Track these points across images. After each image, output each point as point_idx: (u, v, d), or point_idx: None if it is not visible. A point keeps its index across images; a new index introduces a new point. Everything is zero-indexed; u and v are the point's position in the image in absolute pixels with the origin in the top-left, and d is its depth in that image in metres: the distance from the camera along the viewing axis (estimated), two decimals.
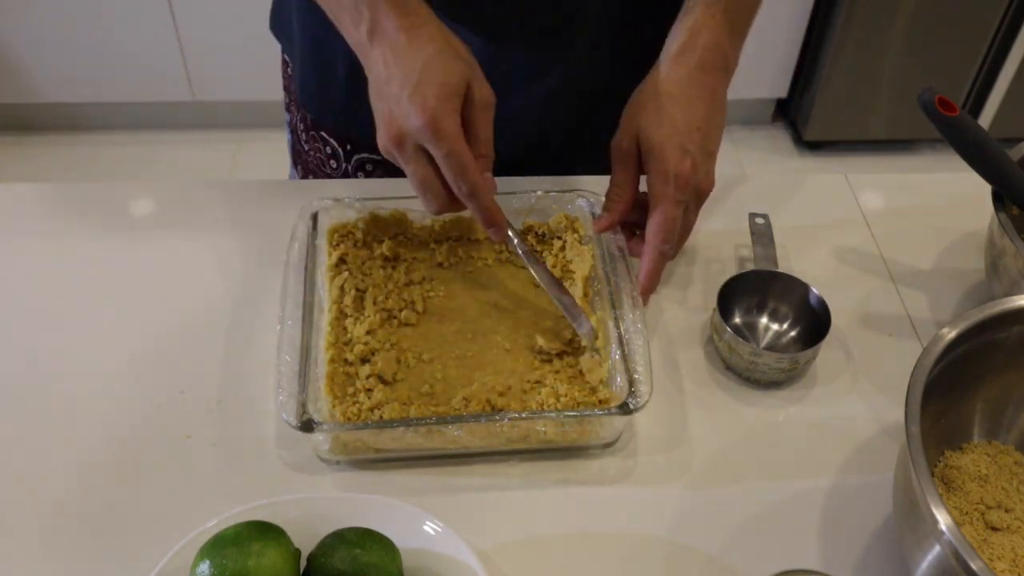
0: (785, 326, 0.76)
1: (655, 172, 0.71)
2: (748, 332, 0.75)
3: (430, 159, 0.65)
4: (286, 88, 0.97)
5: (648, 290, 0.73)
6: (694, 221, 0.75)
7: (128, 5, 2.10)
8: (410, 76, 0.63)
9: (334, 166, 0.94)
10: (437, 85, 0.63)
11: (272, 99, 2.30)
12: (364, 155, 0.92)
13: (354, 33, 0.68)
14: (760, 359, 0.70)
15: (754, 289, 0.76)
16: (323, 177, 0.96)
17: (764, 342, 0.75)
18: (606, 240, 0.75)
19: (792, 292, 0.75)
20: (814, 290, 0.73)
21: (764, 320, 0.76)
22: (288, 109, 0.97)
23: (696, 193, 0.72)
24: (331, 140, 0.93)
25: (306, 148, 0.96)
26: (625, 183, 0.74)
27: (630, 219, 0.77)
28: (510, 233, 0.70)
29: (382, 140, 0.66)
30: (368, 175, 0.93)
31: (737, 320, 0.75)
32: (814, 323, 0.73)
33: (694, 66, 0.72)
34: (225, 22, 2.14)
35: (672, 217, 0.71)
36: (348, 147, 0.92)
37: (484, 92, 0.66)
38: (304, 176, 0.99)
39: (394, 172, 0.92)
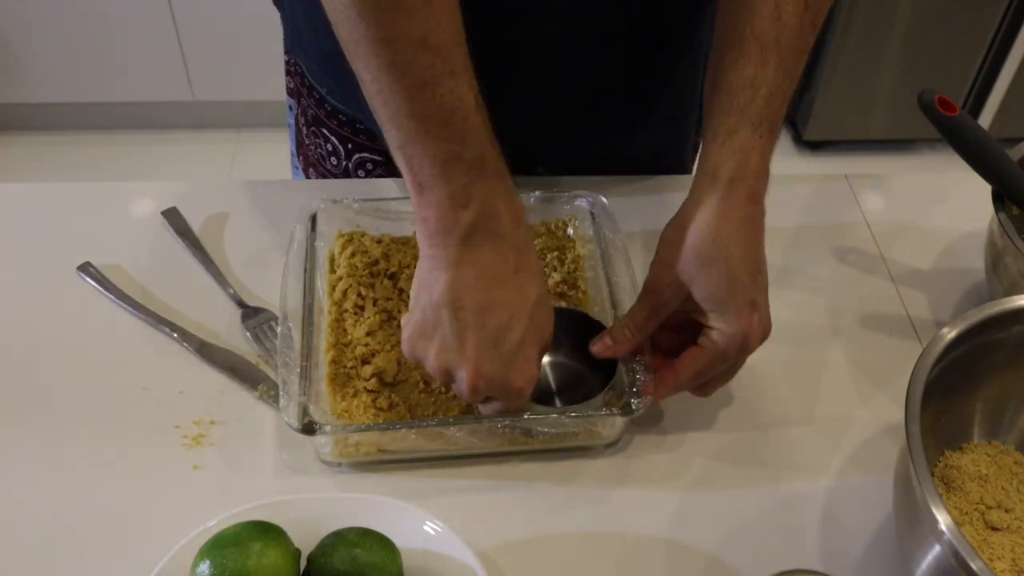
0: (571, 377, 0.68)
1: (718, 332, 0.61)
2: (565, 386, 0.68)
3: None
4: (289, 73, 0.96)
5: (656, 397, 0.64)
6: (736, 370, 0.66)
7: (128, 5, 2.10)
8: (517, 322, 0.56)
9: (334, 163, 0.93)
10: (540, 345, 0.58)
11: (272, 99, 2.32)
12: (365, 154, 0.92)
13: (447, 216, 0.56)
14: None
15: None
16: (324, 171, 0.95)
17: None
18: (606, 239, 0.75)
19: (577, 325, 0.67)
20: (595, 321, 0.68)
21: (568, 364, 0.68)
22: (291, 95, 0.97)
23: (751, 348, 0.63)
24: (332, 138, 0.92)
25: (307, 142, 0.96)
26: (644, 328, 0.64)
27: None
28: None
29: (451, 371, 0.57)
30: (368, 174, 0.93)
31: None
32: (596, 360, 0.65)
33: (746, 198, 0.61)
34: (225, 22, 2.14)
35: (714, 371, 0.63)
36: (349, 146, 0.92)
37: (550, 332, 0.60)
38: (306, 168, 0.98)
39: (396, 173, 0.92)
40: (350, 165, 0.93)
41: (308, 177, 0.98)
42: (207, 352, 0.72)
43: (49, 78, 2.24)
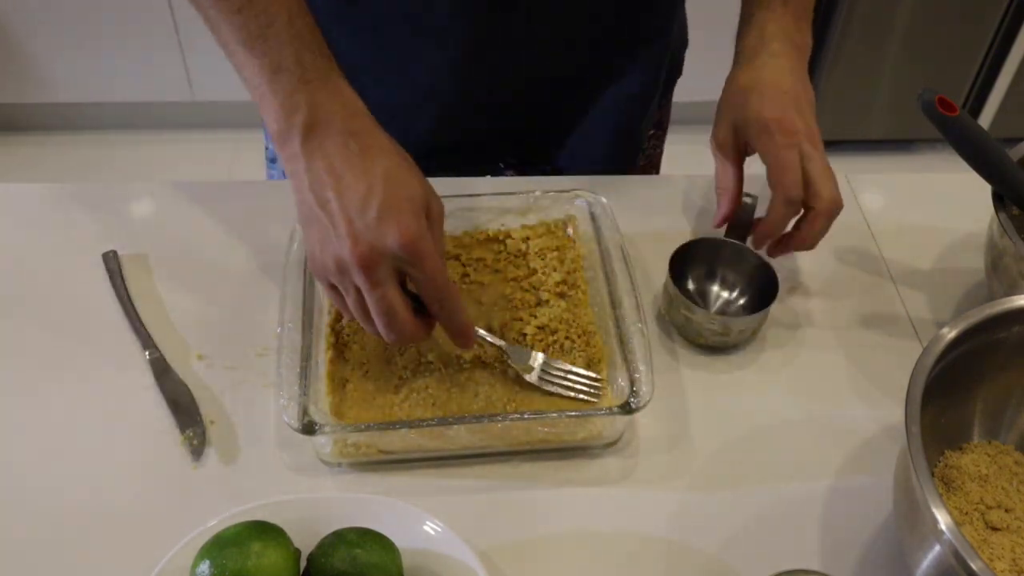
0: (735, 294, 0.78)
1: (755, 132, 0.73)
2: (701, 298, 0.78)
3: (397, 279, 0.60)
4: None
5: (767, 236, 0.74)
6: (826, 165, 0.73)
7: (128, 5, 2.10)
8: (374, 190, 0.58)
9: None
10: (408, 201, 0.59)
11: None
12: None
13: (282, 125, 0.60)
14: (694, 316, 0.72)
15: (708, 257, 0.78)
16: None
17: (715, 308, 0.77)
18: (606, 239, 0.75)
19: (743, 261, 0.77)
20: (764, 259, 0.75)
21: (717, 288, 0.78)
22: None
23: (807, 137, 0.73)
24: None
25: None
26: (729, 172, 0.76)
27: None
28: (479, 333, 0.67)
29: (343, 257, 0.58)
30: None
31: (691, 286, 0.78)
32: (766, 291, 0.74)
33: (768, 54, 0.76)
34: None
35: (788, 161, 0.71)
36: None
37: (438, 205, 0.62)
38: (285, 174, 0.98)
39: None
40: None
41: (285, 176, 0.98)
42: (162, 379, 0.70)
43: (49, 78, 2.24)
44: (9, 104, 2.31)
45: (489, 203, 0.79)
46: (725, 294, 0.78)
